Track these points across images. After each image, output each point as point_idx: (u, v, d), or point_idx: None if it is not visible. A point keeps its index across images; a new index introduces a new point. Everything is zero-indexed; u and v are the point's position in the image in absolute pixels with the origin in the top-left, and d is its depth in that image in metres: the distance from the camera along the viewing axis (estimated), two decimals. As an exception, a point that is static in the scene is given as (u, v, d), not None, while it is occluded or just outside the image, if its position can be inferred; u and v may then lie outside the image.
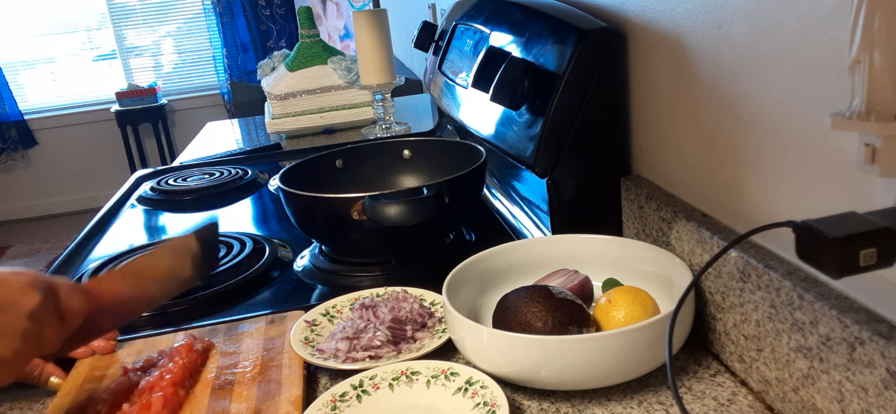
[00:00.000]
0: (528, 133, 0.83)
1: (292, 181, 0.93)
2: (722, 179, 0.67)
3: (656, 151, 0.80)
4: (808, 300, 0.52)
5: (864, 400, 0.47)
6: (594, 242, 0.78)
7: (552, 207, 0.85)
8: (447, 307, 0.66)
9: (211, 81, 4.94)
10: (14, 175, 4.76)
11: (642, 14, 0.77)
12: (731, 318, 0.63)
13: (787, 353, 0.55)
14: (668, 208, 0.73)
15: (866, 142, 0.42)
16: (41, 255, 4.15)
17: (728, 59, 0.63)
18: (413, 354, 0.69)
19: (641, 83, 0.81)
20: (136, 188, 1.45)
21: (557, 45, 0.82)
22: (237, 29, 4.74)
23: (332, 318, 0.78)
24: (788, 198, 0.58)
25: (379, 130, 1.57)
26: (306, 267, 0.95)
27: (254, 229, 1.16)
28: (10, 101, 4.62)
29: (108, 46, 4.90)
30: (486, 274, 0.77)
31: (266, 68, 1.84)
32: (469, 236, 1.01)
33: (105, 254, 1.05)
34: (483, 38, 1.04)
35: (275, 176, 1.30)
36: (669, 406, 0.60)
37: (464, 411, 0.60)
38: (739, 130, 0.63)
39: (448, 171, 0.90)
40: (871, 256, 0.41)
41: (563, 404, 0.62)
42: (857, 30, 0.40)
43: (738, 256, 0.60)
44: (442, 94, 1.21)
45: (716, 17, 0.64)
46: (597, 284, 0.76)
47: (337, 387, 0.63)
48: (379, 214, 0.82)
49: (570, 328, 0.63)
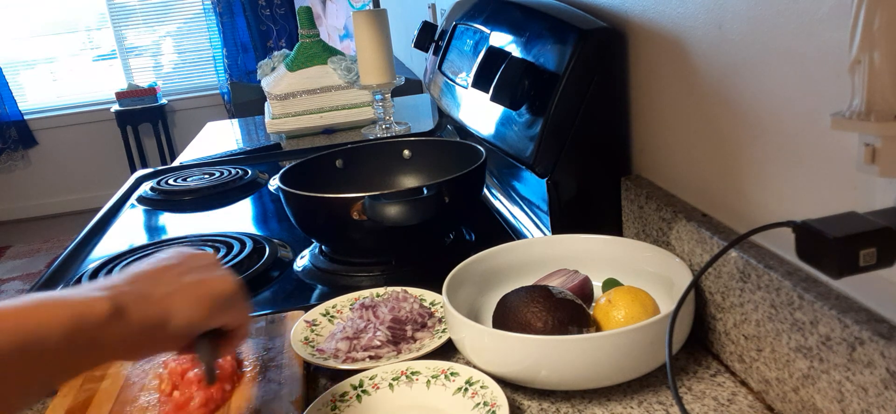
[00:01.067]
0: (528, 133, 0.83)
1: (292, 181, 0.93)
2: (722, 179, 0.67)
3: (656, 151, 0.80)
4: (808, 300, 0.52)
5: (864, 400, 0.47)
6: (594, 242, 0.78)
7: (552, 207, 0.85)
8: (447, 307, 0.66)
9: (211, 81, 4.94)
10: (14, 175, 4.76)
11: (642, 14, 0.77)
12: (731, 318, 0.63)
13: (787, 353, 0.55)
14: (668, 208, 0.73)
15: (866, 142, 0.42)
16: (41, 255, 4.15)
17: (728, 59, 0.63)
18: (413, 354, 0.69)
19: (641, 83, 0.81)
20: (136, 188, 1.45)
21: (557, 45, 0.82)
22: (237, 29, 4.74)
23: (332, 318, 0.78)
24: (788, 198, 0.58)
25: (379, 130, 1.57)
26: (306, 267, 0.95)
27: (254, 229, 1.16)
28: (10, 101, 4.62)
29: (108, 46, 4.90)
30: (486, 274, 0.77)
31: (266, 68, 1.84)
32: (469, 236, 1.01)
33: (105, 254, 1.05)
34: (483, 38, 1.04)
35: (275, 176, 1.30)
36: (669, 406, 0.60)
37: (464, 411, 0.60)
38: (739, 130, 0.63)
39: (448, 171, 0.90)
40: (871, 256, 0.41)
41: (563, 404, 0.62)
42: (857, 30, 0.40)
43: (738, 256, 0.60)
44: (442, 94, 1.21)
45: (716, 17, 0.64)
46: (597, 284, 0.76)
47: (337, 387, 0.63)
48: (379, 214, 0.82)
49: (570, 328, 0.63)
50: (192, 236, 1.08)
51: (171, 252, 0.57)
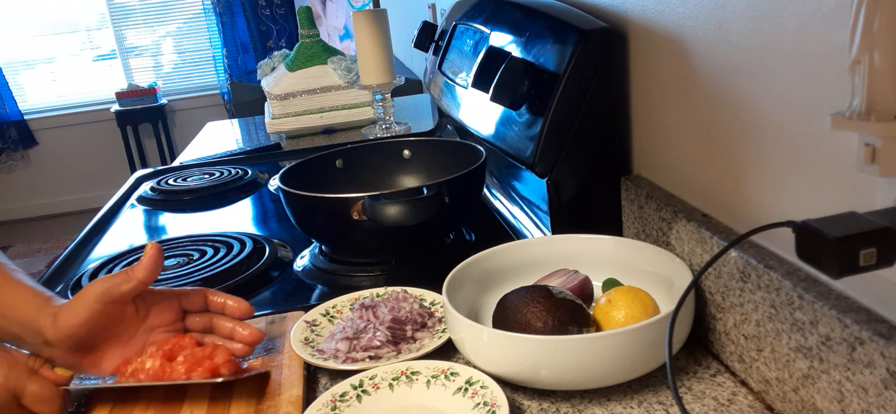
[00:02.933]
0: (528, 133, 0.83)
1: (292, 181, 0.93)
2: (722, 179, 0.67)
3: (656, 151, 0.80)
4: (808, 300, 0.52)
5: (864, 400, 0.47)
6: (594, 242, 0.78)
7: (552, 207, 0.85)
8: (447, 307, 0.66)
9: (211, 81, 4.94)
10: (14, 175, 4.76)
11: (642, 14, 0.77)
12: (731, 318, 0.63)
13: (787, 353, 0.55)
14: (668, 208, 0.73)
15: (866, 142, 0.42)
16: (41, 255, 4.15)
17: (728, 59, 0.63)
18: (413, 354, 0.69)
19: (641, 83, 0.81)
20: (136, 188, 1.45)
21: (557, 45, 0.82)
22: (237, 29, 4.74)
23: (332, 318, 0.78)
24: (788, 198, 0.58)
25: (379, 130, 1.57)
26: (306, 267, 0.95)
27: (254, 229, 1.16)
28: (10, 101, 4.62)
29: (108, 46, 4.90)
30: (486, 274, 0.77)
31: (266, 68, 1.84)
32: (469, 236, 1.01)
33: (105, 254, 1.05)
34: (483, 38, 1.04)
35: (275, 176, 1.30)
36: (669, 406, 0.60)
37: (464, 411, 0.60)
38: (739, 130, 0.63)
39: (448, 171, 0.90)
40: (871, 256, 0.41)
41: (563, 404, 0.62)
42: (857, 30, 0.40)
43: (738, 256, 0.60)
44: (442, 94, 1.21)
45: (716, 17, 0.64)
46: (597, 284, 0.76)
47: (337, 387, 0.63)
48: (379, 213, 0.82)
49: (570, 328, 0.63)
50: (192, 236, 1.08)
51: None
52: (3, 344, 0.65)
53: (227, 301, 0.72)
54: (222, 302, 0.72)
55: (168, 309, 0.70)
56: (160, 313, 0.70)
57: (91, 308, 0.64)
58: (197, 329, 0.72)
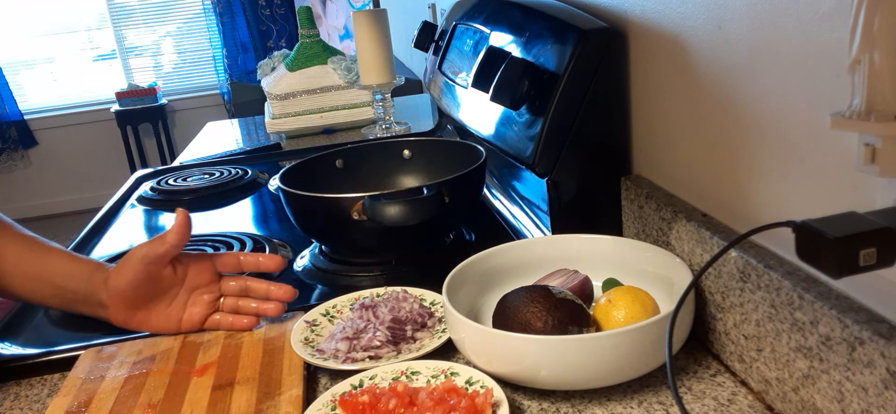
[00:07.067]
0: (528, 133, 0.83)
1: (292, 181, 0.93)
2: (722, 179, 0.67)
3: (656, 151, 0.80)
4: (808, 300, 0.52)
5: (864, 400, 0.47)
6: (594, 242, 0.78)
7: (552, 207, 0.85)
8: (447, 307, 0.66)
9: (211, 81, 4.94)
10: (14, 175, 4.77)
11: (642, 14, 0.77)
12: (731, 318, 0.63)
13: (787, 353, 0.55)
14: (668, 208, 0.73)
15: (866, 142, 0.42)
16: (41, 255, 4.14)
17: (728, 59, 0.63)
18: (413, 354, 0.69)
19: (641, 83, 0.81)
20: (136, 188, 1.45)
21: (557, 45, 0.82)
22: (237, 29, 4.75)
23: (332, 318, 0.78)
24: (788, 198, 0.58)
25: (379, 130, 1.57)
26: (306, 267, 0.95)
27: (254, 229, 1.16)
28: (10, 101, 4.62)
29: (108, 46, 4.91)
30: (486, 274, 0.77)
31: (266, 68, 1.84)
32: (469, 236, 1.01)
33: (105, 254, 1.05)
34: (483, 38, 1.04)
35: (275, 176, 1.30)
36: (669, 406, 0.60)
37: (464, 411, 0.60)
38: (739, 130, 0.63)
39: (448, 171, 0.90)
40: (871, 256, 0.41)
41: (563, 404, 0.62)
42: (857, 30, 0.40)
43: (738, 256, 0.60)
44: (442, 94, 1.21)
45: (716, 17, 0.64)
46: (597, 284, 0.76)
47: (337, 387, 0.63)
48: (379, 214, 0.82)
49: (570, 328, 0.63)
50: (193, 236, 1.08)
51: None
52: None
53: (259, 258, 0.80)
54: (255, 260, 0.80)
55: (204, 270, 0.78)
56: (197, 274, 0.77)
57: (136, 268, 0.73)
58: (233, 294, 0.79)
